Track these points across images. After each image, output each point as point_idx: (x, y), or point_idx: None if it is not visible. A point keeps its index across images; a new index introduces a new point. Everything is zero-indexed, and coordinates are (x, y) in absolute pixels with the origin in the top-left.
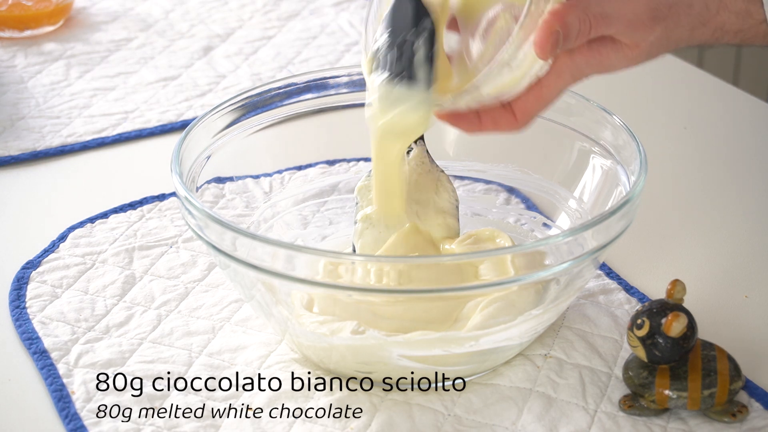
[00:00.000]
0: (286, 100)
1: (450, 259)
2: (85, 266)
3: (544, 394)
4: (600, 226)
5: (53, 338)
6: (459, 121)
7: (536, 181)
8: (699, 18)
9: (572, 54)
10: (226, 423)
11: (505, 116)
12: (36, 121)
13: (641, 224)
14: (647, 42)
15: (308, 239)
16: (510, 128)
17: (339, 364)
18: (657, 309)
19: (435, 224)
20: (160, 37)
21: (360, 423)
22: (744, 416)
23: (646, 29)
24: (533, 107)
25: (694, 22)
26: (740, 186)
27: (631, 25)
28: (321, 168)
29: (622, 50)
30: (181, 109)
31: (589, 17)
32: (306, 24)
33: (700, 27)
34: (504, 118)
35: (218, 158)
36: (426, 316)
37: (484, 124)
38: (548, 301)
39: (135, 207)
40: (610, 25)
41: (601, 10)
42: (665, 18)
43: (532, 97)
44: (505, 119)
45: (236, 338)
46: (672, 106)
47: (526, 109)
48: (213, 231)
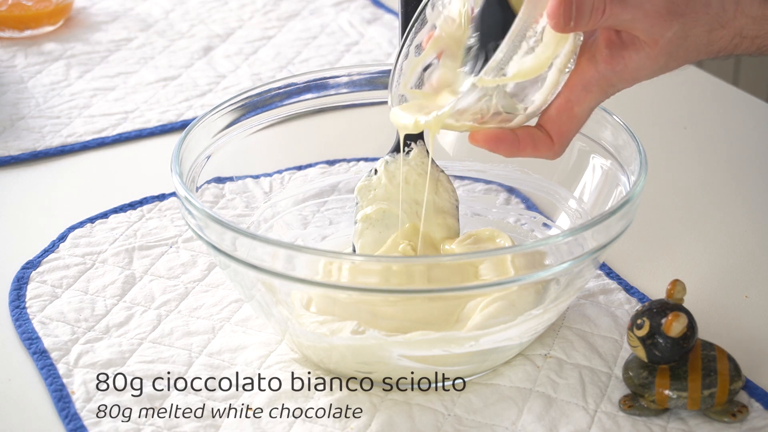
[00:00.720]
0: (286, 100)
1: (450, 259)
2: (85, 266)
3: (544, 394)
4: (600, 226)
5: (53, 338)
6: (498, 145)
7: (536, 181)
8: (717, 19)
9: (596, 64)
10: (226, 423)
11: (542, 139)
12: (36, 121)
13: (641, 224)
14: (665, 39)
15: (308, 239)
16: (548, 152)
17: (339, 364)
18: (657, 309)
19: (435, 224)
20: (160, 37)
21: (360, 423)
22: (744, 416)
23: (664, 22)
24: (567, 128)
25: (712, 22)
26: (740, 186)
27: (647, 16)
28: (321, 168)
29: (642, 49)
30: (181, 109)
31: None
32: (306, 24)
33: (718, 29)
34: (542, 140)
35: (218, 158)
36: (426, 316)
37: (523, 146)
38: (548, 301)
39: (135, 207)
40: (625, 10)
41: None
42: (683, 14)
43: (565, 117)
44: (543, 142)
45: (236, 338)
46: (672, 106)
47: (561, 131)
48: (213, 231)
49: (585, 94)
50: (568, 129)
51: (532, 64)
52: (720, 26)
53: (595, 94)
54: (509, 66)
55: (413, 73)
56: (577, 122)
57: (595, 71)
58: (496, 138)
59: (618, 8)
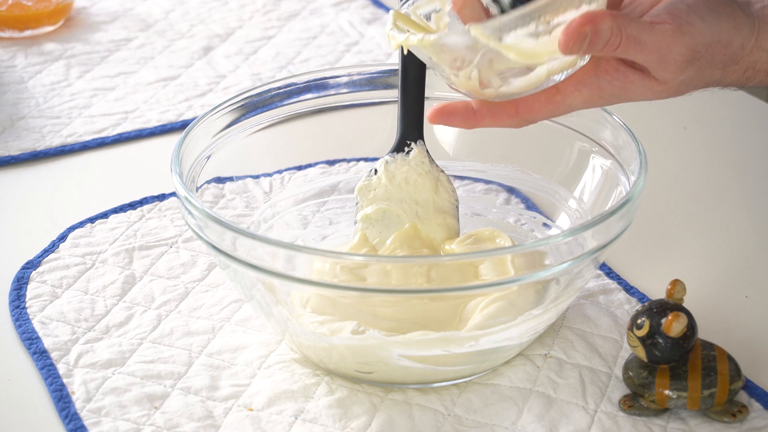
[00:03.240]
0: (286, 100)
1: (450, 259)
2: (85, 266)
3: (544, 394)
4: (600, 226)
5: (53, 338)
6: (452, 118)
7: (536, 181)
8: (732, 56)
9: (598, 69)
10: (226, 423)
11: (505, 108)
12: (36, 121)
13: (641, 224)
14: (676, 81)
15: (308, 239)
16: (509, 122)
17: (339, 364)
18: (657, 309)
19: (435, 224)
20: (160, 37)
21: (360, 423)
22: (744, 416)
23: (678, 69)
24: (539, 107)
25: (726, 61)
26: (740, 186)
27: (662, 61)
28: (321, 168)
29: (649, 82)
30: (181, 109)
31: (622, 34)
32: (306, 24)
33: (732, 65)
34: (504, 110)
35: (218, 158)
36: (426, 316)
37: (479, 116)
38: (548, 301)
39: (135, 207)
40: (639, 52)
41: (637, 34)
42: (701, 58)
43: (543, 97)
44: (505, 111)
45: (236, 338)
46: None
47: (532, 107)
48: (213, 231)
49: (574, 89)
50: (540, 108)
51: (530, 49)
52: (733, 63)
53: (583, 95)
54: (509, 35)
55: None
56: (553, 108)
57: (594, 74)
58: (450, 112)
59: (631, 49)
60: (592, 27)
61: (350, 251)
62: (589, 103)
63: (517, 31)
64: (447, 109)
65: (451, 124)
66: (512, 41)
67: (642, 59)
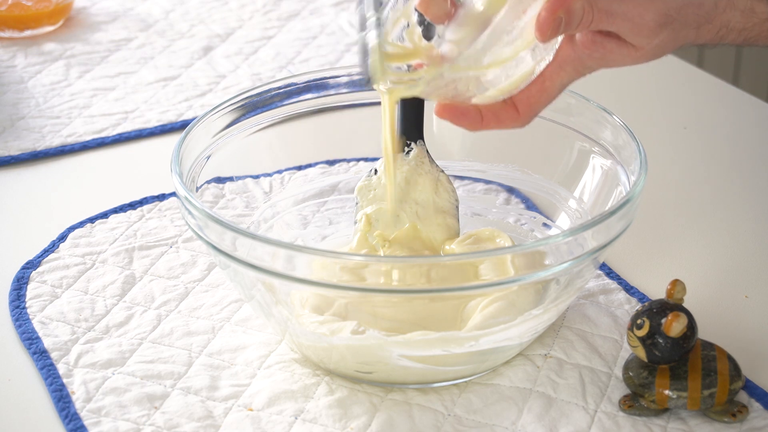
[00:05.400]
0: (286, 100)
1: (450, 259)
2: (85, 266)
3: (544, 394)
4: (600, 226)
5: (53, 338)
6: (461, 119)
7: (536, 181)
8: (706, 16)
9: (575, 45)
10: (226, 423)
11: (507, 111)
12: (36, 121)
13: (641, 224)
14: (651, 45)
15: (308, 239)
16: (513, 123)
17: (339, 364)
18: (657, 309)
19: (435, 224)
20: (160, 37)
21: (360, 423)
22: (744, 416)
23: (651, 34)
24: (536, 100)
25: (700, 20)
26: (740, 186)
27: (635, 28)
28: (321, 168)
29: (625, 48)
30: (181, 109)
31: (593, 10)
32: (306, 24)
33: (705, 24)
34: (506, 113)
35: (218, 158)
36: (426, 316)
37: (486, 121)
38: (548, 301)
39: (135, 207)
40: (613, 23)
41: (608, 6)
42: (673, 21)
43: (535, 90)
44: (508, 115)
45: (236, 338)
46: (672, 106)
47: (529, 103)
48: (213, 231)
49: (558, 70)
50: (537, 101)
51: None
52: (707, 22)
53: (568, 73)
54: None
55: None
56: (547, 96)
57: (572, 51)
58: (460, 113)
59: (605, 22)
60: (564, 9)
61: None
62: (577, 75)
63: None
64: (458, 109)
65: (458, 124)
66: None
67: (616, 29)
